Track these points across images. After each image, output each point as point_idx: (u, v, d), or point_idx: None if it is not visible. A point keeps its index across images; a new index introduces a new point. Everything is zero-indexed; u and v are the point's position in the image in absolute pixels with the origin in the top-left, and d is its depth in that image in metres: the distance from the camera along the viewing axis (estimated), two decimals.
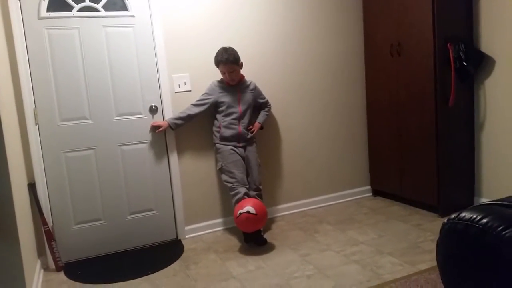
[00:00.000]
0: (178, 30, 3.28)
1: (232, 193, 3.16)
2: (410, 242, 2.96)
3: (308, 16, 3.72)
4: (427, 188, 3.43)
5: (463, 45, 3.21)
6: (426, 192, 3.44)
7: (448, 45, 3.21)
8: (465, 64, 3.21)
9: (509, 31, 3.09)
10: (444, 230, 1.14)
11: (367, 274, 2.55)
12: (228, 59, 3.10)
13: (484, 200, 3.38)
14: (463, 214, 1.09)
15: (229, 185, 3.19)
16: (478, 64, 3.27)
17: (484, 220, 1.03)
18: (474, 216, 1.06)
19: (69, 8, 3.00)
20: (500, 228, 0.99)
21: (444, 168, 3.33)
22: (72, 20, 3.01)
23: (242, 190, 3.13)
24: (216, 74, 3.26)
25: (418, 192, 3.54)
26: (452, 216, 1.13)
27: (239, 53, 3.18)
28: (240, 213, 2.93)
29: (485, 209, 1.08)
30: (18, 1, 2.84)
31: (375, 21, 3.76)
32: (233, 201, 3.14)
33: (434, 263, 2.57)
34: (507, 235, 0.98)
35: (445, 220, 1.16)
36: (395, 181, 3.77)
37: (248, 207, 2.92)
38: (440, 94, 3.25)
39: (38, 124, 2.97)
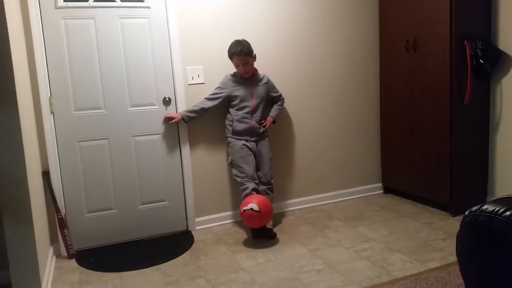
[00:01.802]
0: (193, 23, 3.28)
1: (241, 188, 3.17)
2: (421, 240, 2.95)
3: (322, 9, 3.69)
4: (439, 187, 3.40)
5: (480, 42, 3.17)
6: (438, 190, 3.42)
7: (465, 42, 3.17)
8: (481, 61, 3.17)
9: None
10: (465, 223, 1.13)
11: (377, 270, 2.55)
12: (242, 51, 3.10)
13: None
14: (485, 207, 1.08)
15: (239, 179, 3.20)
16: (495, 62, 3.22)
17: (508, 213, 1.02)
18: (497, 209, 1.05)
19: None
20: None
21: (457, 166, 3.30)
22: (89, 10, 3.03)
23: (251, 185, 3.13)
24: (230, 68, 3.26)
25: (430, 190, 3.51)
26: (474, 208, 1.12)
27: (252, 46, 3.17)
28: (244, 210, 2.95)
29: (508, 202, 1.07)
30: None
31: (391, 16, 3.72)
32: (242, 195, 3.15)
33: (445, 261, 2.57)
34: None
35: (466, 212, 1.14)
36: (406, 179, 3.74)
37: (251, 204, 2.93)
38: (455, 92, 3.21)
39: (53, 112, 3.01)
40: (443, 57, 3.23)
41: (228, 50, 3.17)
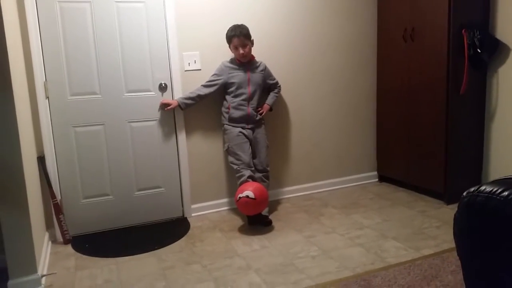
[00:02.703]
0: (190, 8, 3.25)
1: (237, 175, 3.18)
2: (415, 227, 2.97)
3: None
4: (434, 175, 3.42)
5: (478, 32, 3.16)
6: (433, 179, 3.44)
7: (463, 31, 3.16)
8: (479, 51, 3.17)
9: None
10: (463, 203, 1.14)
11: (371, 257, 2.58)
12: (241, 32, 3.10)
13: None
14: (483, 187, 1.09)
15: (235, 167, 3.20)
16: (493, 51, 3.22)
17: (506, 193, 1.03)
18: (495, 189, 1.06)
19: None
20: None
21: (452, 156, 3.32)
22: None
23: (247, 173, 3.14)
24: (227, 54, 3.24)
25: (424, 179, 3.54)
26: (472, 189, 1.13)
27: (250, 32, 3.15)
28: (239, 197, 2.96)
29: (505, 182, 1.08)
30: None
31: (389, 4, 3.70)
32: (238, 183, 3.15)
33: (438, 249, 2.60)
34: None
35: (464, 193, 1.15)
36: (401, 167, 3.77)
37: (247, 191, 2.94)
38: (452, 81, 3.22)
39: (48, 97, 2.98)
40: (441, 46, 3.22)
41: (227, 33, 3.15)
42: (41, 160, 2.97)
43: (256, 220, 3.13)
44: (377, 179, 4.10)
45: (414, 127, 3.58)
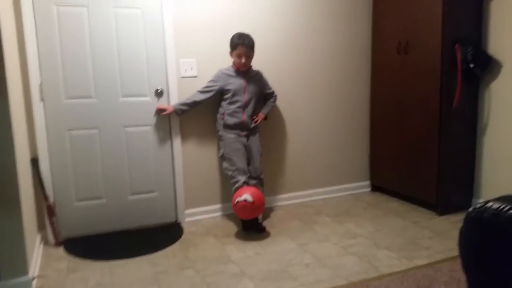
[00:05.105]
0: (187, 15, 3.27)
1: (232, 181, 3.18)
2: (408, 238, 3.00)
3: (317, 9, 3.71)
4: (427, 186, 3.46)
5: (471, 47, 3.23)
6: (426, 190, 3.48)
7: (456, 46, 3.22)
8: (471, 66, 3.23)
9: None
10: (469, 219, 1.16)
11: (364, 266, 2.59)
12: (249, 43, 3.12)
13: (482, 201, 3.42)
14: (489, 204, 1.11)
15: (230, 173, 3.21)
16: (485, 67, 3.28)
17: None
18: (502, 206, 1.08)
19: None
20: None
21: (445, 167, 3.36)
22: None
23: (242, 178, 3.15)
24: (223, 62, 3.27)
25: (417, 189, 3.57)
26: (478, 205, 1.15)
27: None
28: (237, 201, 2.97)
29: (511, 200, 1.10)
30: None
31: (384, 18, 3.77)
32: (233, 189, 3.16)
33: (431, 259, 2.62)
34: None
35: (470, 209, 1.18)
36: (394, 178, 3.80)
37: (245, 195, 2.95)
38: (445, 95, 3.27)
39: (43, 100, 2.97)
40: (434, 60, 3.28)
41: (233, 39, 3.15)
42: (34, 162, 2.95)
43: (251, 226, 3.13)
44: (369, 189, 4.13)
45: (407, 138, 3.62)
